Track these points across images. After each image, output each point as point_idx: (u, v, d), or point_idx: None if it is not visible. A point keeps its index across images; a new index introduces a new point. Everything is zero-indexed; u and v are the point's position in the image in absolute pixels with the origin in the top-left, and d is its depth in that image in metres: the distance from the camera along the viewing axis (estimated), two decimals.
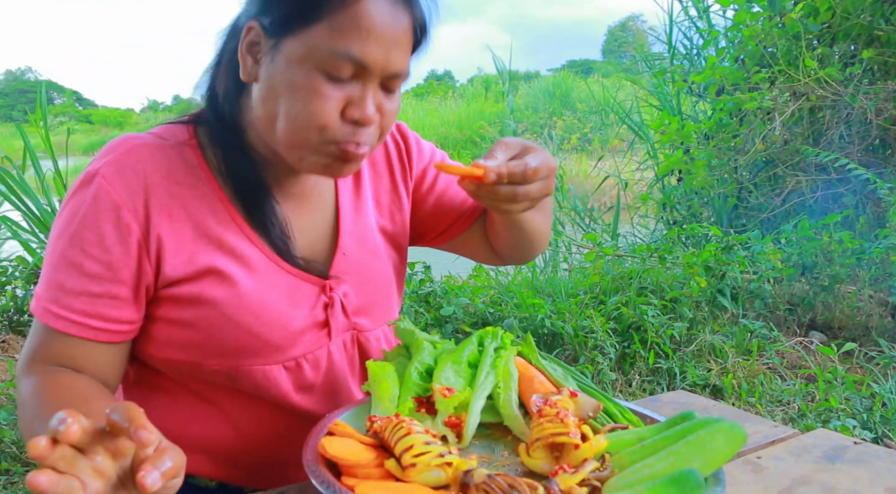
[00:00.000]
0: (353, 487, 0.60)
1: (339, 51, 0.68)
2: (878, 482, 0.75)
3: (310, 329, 0.80)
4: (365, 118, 0.71)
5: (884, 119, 3.28)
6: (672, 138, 3.91)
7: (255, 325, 0.76)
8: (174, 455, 0.50)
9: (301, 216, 0.83)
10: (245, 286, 0.76)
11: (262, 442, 0.83)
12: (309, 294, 0.80)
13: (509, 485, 0.58)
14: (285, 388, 0.80)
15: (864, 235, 3.22)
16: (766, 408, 2.24)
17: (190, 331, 0.76)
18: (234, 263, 0.76)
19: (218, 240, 0.76)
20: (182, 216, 0.75)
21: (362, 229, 0.88)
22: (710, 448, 0.62)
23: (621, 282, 2.93)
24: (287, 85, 0.70)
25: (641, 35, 13.41)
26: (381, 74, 0.71)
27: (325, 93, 0.69)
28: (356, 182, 0.89)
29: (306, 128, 0.70)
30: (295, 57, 0.69)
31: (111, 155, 0.74)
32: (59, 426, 0.46)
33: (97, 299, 0.72)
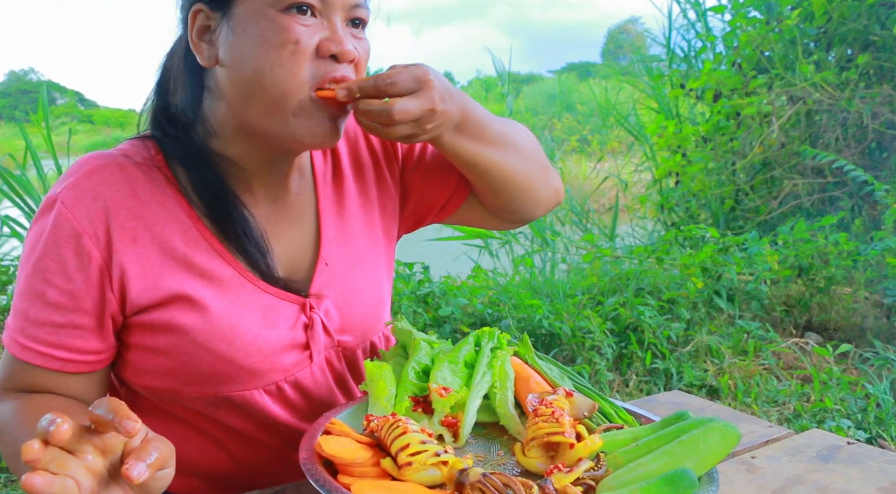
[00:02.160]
0: (350, 485, 0.60)
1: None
2: (871, 481, 0.76)
3: (288, 351, 0.76)
4: (343, 52, 0.68)
5: (879, 123, 3.29)
6: (669, 142, 3.92)
7: (229, 351, 0.72)
8: (160, 446, 0.51)
9: (279, 224, 0.78)
10: (216, 310, 0.72)
11: (254, 463, 0.81)
12: (287, 315, 0.76)
13: (504, 484, 0.59)
14: (269, 411, 0.77)
15: (860, 237, 3.23)
16: (761, 409, 2.25)
17: (164, 358, 0.73)
18: (205, 285, 0.72)
19: (187, 262, 0.72)
20: (147, 239, 0.71)
21: (347, 232, 0.83)
22: (704, 448, 0.62)
23: (619, 283, 2.93)
24: (254, 41, 0.67)
25: (640, 38, 13.43)
26: (342, 6, 0.69)
27: (297, 29, 0.66)
28: (338, 180, 0.84)
29: (283, 77, 0.67)
30: (252, 13, 0.67)
31: (71, 178, 0.71)
32: (50, 427, 0.46)
33: (61, 330, 0.69)
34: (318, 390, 0.81)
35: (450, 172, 0.88)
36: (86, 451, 0.49)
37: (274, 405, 0.78)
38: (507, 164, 0.83)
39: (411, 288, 2.87)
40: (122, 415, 0.47)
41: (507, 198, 0.87)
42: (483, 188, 0.86)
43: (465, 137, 0.78)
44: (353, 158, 0.86)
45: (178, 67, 0.75)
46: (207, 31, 0.71)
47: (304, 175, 0.82)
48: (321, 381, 0.81)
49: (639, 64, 5.14)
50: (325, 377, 0.81)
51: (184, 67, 0.74)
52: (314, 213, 0.82)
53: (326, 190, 0.83)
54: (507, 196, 0.87)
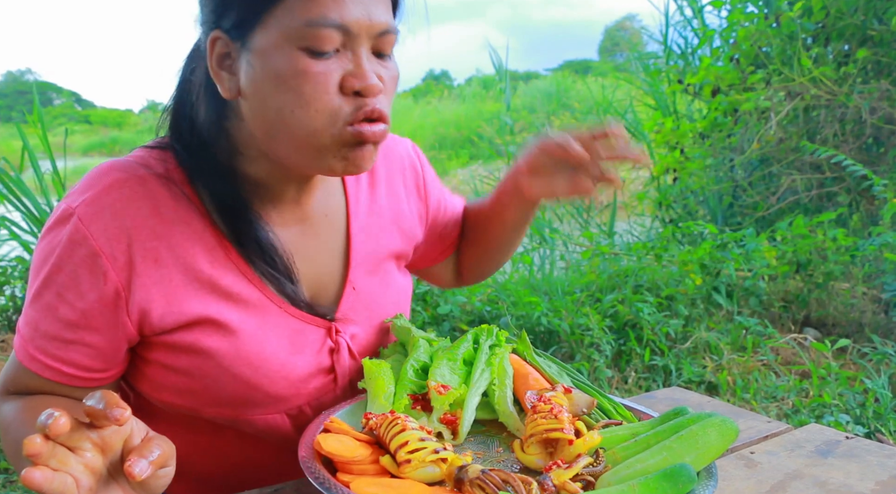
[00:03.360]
0: (349, 483, 0.60)
1: (316, 20, 0.61)
2: (870, 476, 0.76)
3: (314, 376, 0.75)
4: (367, 87, 0.64)
5: (877, 118, 3.29)
6: (667, 138, 3.92)
7: (255, 377, 0.71)
8: (162, 445, 0.50)
9: (306, 245, 0.76)
10: (243, 335, 0.70)
11: (260, 476, 0.80)
12: (313, 339, 0.75)
13: (503, 480, 0.59)
14: (288, 434, 0.76)
15: (858, 232, 3.23)
16: (760, 404, 2.26)
17: (186, 378, 0.71)
18: (231, 308, 0.70)
19: (212, 284, 0.69)
20: (170, 260, 0.68)
21: (376, 256, 0.81)
22: (703, 443, 0.62)
23: (617, 280, 2.93)
24: (272, 80, 0.63)
25: (637, 35, 13.43)
26: (367, 35, 0.64)
27: (316, 71, 0.62)
28: (371, 201, 0.82)
29: (309, 118, 0.63)
30: (271, 46, 0.63)
31: (90, 192, 0.67)
32: (47, 421, 0.46)
33: (70, 346, 0.68)
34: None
35: (449, 234, 0.96)
36: (85, 448, 0.49)
37: (292, 427, 0.77)
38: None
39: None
40: (111, 404, 0.47)
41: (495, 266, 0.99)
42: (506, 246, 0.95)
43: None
44: (392, 180, 0.85)
45: (199, 82, 0.71)
46: (227, 59, 0.66)
47: (334, 195, 0.80)
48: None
49: (636, 61, 5.14)
50: (346, 400, 0.80)
51: (205, 86, 0.70)
52: (344, 235, 0.80)
53: (358, 213, 0.81)
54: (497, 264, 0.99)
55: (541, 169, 0.80)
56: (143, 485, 0.53)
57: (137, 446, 0.50)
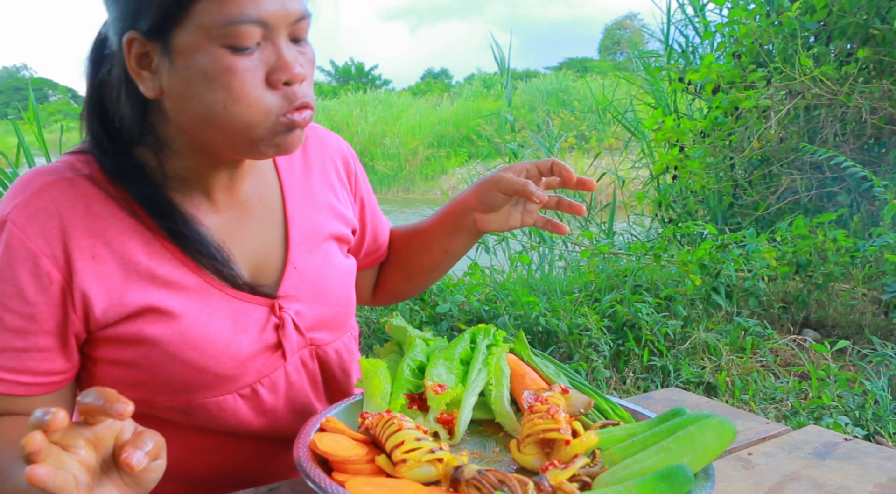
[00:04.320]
0: (344, 483, 0.60)
1: (235, 17, 0.63)
2: (868, 478, 0.75)
3: (261, 353, 0.76)
4: (293, 76, 0.66)
5: (878, 118, 3.29)
6: (667, 137, 3.91)
7: (201, 359, 0.72)
8: (153, 437, 0.51)
9: (242, 229, 0.77)
10: (185, 319, 0.71)
11: (228, 469, 0.80)
12: (256, 317, 0.75)
13: (500, 481, 0.59)
14: (244, 416, 0.77)
15: (858, 233, 3.23)
16: (759, 405, 2.25)
17: (134, 370, 0.72)
18: (172, 295, 0.71)
19: (150, 274, 0.70)
20: (107, 255, 0.69)
21: (315, 237, 0.82)
22: (700, 444, 0.62)
23: (616, 280, 2.93)
24: (199, 79, 0.64)
25: (637, 34, 13.43)
26: (284, 24, 0.66)
27: (241, 67, 0.64)
28: (305, 187, 0.84)
29: (242, 113, 0.65)
30: (192, 46, 0.64)
31: (20, 197, 0.68)
32: (45, 417, 0.46)
33: (23, 354, 0.67)
34: (292, 390, 0.80)
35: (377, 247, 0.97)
36: (79, 446, 0.49)
37: (248, 409, 0.77)
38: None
39: None
40: (112, 399, 0.47)
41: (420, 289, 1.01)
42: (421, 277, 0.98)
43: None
44: (323, 170, 0.87)
45: (117, 82, 0.70)
46: (146, 58, 0.67)
47: (268, 180, 0.81)
48: (295, 381, 0.80)
49: (636, 60, 5.14)
50: (300, 376, 0.80)
51: (125, 86, 0.69)
52: (281, 217, 0.81)
53: (294, 196, 0.82)
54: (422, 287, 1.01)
55: (495, 206, 0.86)
56: (136, 479, 0.53)
57: (130, 439, 0.50)
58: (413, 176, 11.84)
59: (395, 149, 12.03)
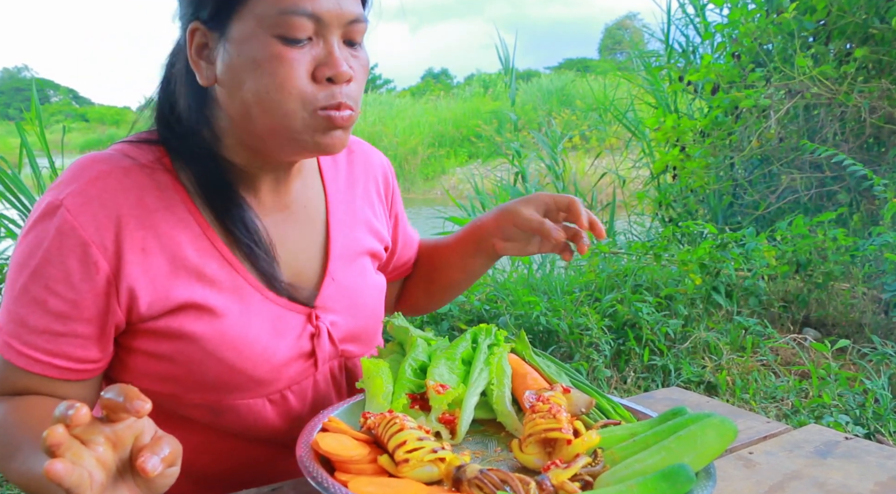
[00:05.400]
0: (347, 482, 0.60)
1: (289, 9, 0.65)
2: (869, 477, 0.75)
3: (295, 360, 0.77)
4: (338, 74, 0.68)
5: (878, 117, 3.29)
6: (668, 136, 3.92)
7: (238, 360, 0.72)
8: (171, 443, 0.51)
9: (286, 233, 0.79)
10: (227, 320, 0.72)
11: (243, 470, 0.81)
12: (294, 324, 0.76)
13: (502, 480, 0.59)
14: (270, 420, 0.78)
15: (858, 232, 3.23)
16: (759, 405, 2.26)
17: (168, 364, 0.72)
18: (215, 293, 0.72)
19: (197, 271, 0.71)
20: (156, 248, 0.70)
21: (353, 250, 0.84)
22: (701, 443, 0.62)
23: (617, 279, 2.93)
24: (248, 65, 0.67)
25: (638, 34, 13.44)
26: (338, 23, 0.68)
27: (290, 57, 0.66)
28: (349, 199, 0.86)
29: (283, 100, 0.67)
30: (246, 35, 0.67)
31: (76, 184, 0.69)
32: (69, 411, 0.46)
33: (61, 338, 0.69)
34: (318, 399, 0.81)
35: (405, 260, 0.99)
36: (98, 442, 0.49)
37: (275, 414, 0.78)
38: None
39: None
40: (131, 396, 0.47)
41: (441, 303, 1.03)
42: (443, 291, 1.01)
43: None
44: (373, 184, 0.90)
45: (179, 73, 0.74)
46: (205, 49, 0.70)
47: (313, 188, 0.83)
48: (323, 390, 0.81)
49: (636, 59, 5.13)
50: (328, 386, 0.82)
51: (185, 76, 0.73)
52: (323, 227, 0.83)
53: (337, 208, 0.84)
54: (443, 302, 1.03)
55: (513, 237, 0.90)
56: (148, 484, 0.53)
57: (148, 443, 0.50)
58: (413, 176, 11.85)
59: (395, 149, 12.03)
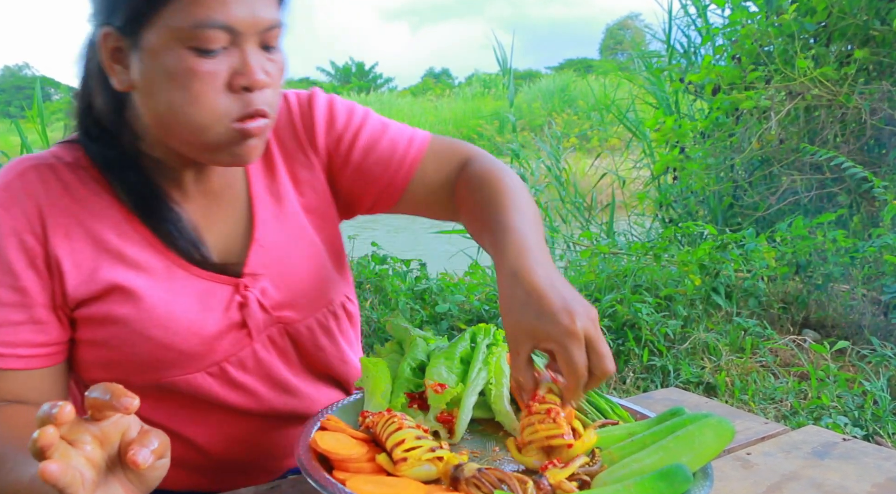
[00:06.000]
0: (345, 481, 0.60)
1: (202, 21, 0.64)
2: (866, 478, 0.76)
3: (227, 332, 0.77)
4: (254, 82, 0.67)
5: (878, 119, 3.29)
6: (668, 137, 3.92)
7: (166, 337, 0.74)
8: (159, 436, 0.51)
9: (213, 214, 0.79)
10: (151, 299, 0.73)
11: (216, 448, 0.81)
12: (221, 297, 0.77)
13: (499, 479, 0.59)
14: (216, 393, 0.78)
15: (858, 234, 3.23)
16: (758, 406, 2.26)
17: (106, 350, 0.74)
18: (138, 275, 0.73)
19: (119, 254, 0.73)
20: (80, 234, 0.73)
21: (282, 214, 0.83)
22: (699, 443, 0.62)
23: (616, 280, 2.93)
24: (162, 76, 0.66)
25: (639, 34, 13.44)
26: (253, 31, 0.67)
27: (204, 70, 0.66)
28: (268, 165, 0.84)
29: (197, 115, 0.67)
30: (159, 45, 0.66)
31: (2, 181, 0.73)
32: (53, 410, 0.46)
33: (20, 327, 0.70)
34: (262, 366, 0.81)
35: (379, 174, 0.85)
36: (85, 441, 0.49)
37: (219, 386, 0.78)
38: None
39: (408, 285, 2.88)
40: (118, 394, 0.48)
41: None
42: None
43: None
44: (280, 143, 0.85)
45: (94, 73, 0.74)
46: (119, 53, 0.69)
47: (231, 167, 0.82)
48: (265, 358, 0.81)
49: (638, 60, 5.13)
50: (269, 353, 0.81)
51: (100, 78, 0.73)
52: (246, 198, 0.82)
53: (257, 174, 0.83)
54: None
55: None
56: (140, 477, 0.53)
57: (136, 437, 0.51)
58: None
59: None
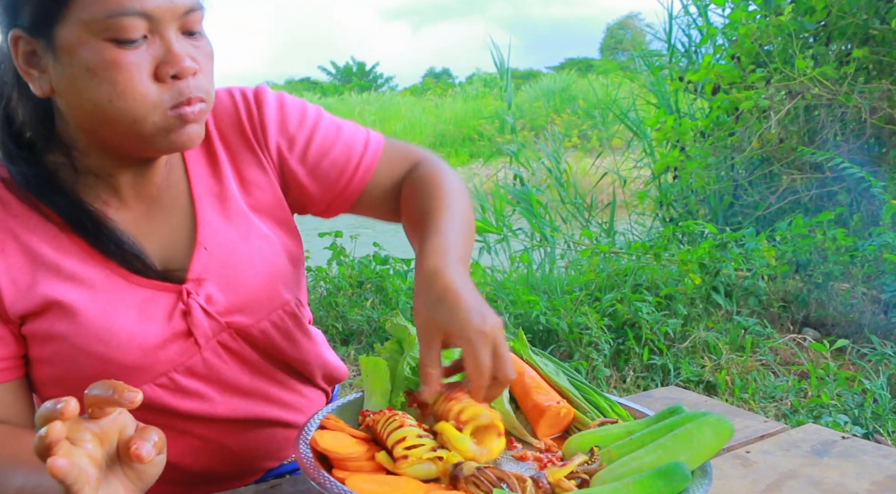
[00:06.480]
0: (345, 480, 0.61)
1: (115, 10, 0.61)
2: (865, 476, 0.76)
3: (171, 342, 0.74)
4: (182, 70, 0.64)
5: (878, 118, 3.29)
6: (668, 136, 3.92)
7: (107, 351, 0.71)
8: (156, 432, 0.52)
9: (154, 219, 0.76)
10: (89, 312, 0.70)
11: (184, 460, 0.79)
12: (163, 306, 0.74)
13: (498, 478, 0.59)
14: (168, 403, 0.75)
15: (858, 232, 3.23)
16: (759, 404, 2.26)
17: (52, 367, 0.72)
18: (76, 288, 0.71)
19: (56, 267, 0.70)
20: (16, 249, 0.70)
21: (227, 215, 0.79)
22: (698, 442, 0.62)
23: (616, 279, 2.94)
24: (83, 74, 0.63)
25: (640, 33, 13.43)
26: (172, 17, 0.64)
27: (126, 61, 0.62)
28: (212, 164, 0.80)
29: (128, 108, 0.64)
30: (75, 41, 0.62)
31: None
32: (57, 406, 0.46)
33: None
34: (217, 373, 0.78)
35: (335, 179, 0.84)
36: (85, 439, 0.49)
37: (170, 396, 0.76)
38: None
39: (409, 284, 2.88)
40: (121, 389, 0.48)
41: None
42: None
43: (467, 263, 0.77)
44: (225, 142, 0.81)
45: (10, 82, 0.69)
46: (34, 56, 0.65)
47: (174, 168, 0.79)
48: (217, 365, 0.78)
49: (638, 59, 5.13)
50: (222, 359, 0.78)
51: (18, 87, 0.69)
52: (189, 200, 0.78)
53: (199, 175, 0.79)
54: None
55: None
56: (139, 473, 0.53)
57: (135, 433, 0.51)
58: None
59: None
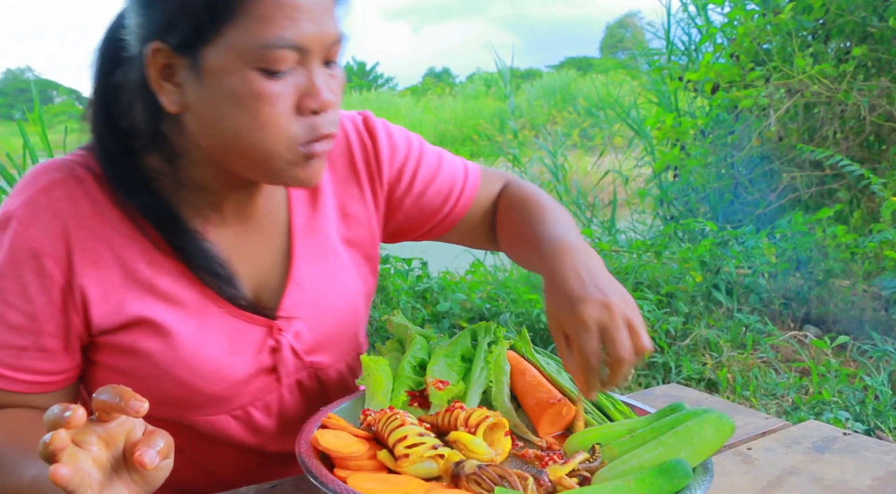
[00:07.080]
0: (346, 479, 0.61)
1: (271, 41, 0.60)
2: (866, 472, 0.76)
3: (256, 377, 0.74)
4: (324, 104, 0.64)
5: (877, 115, 3.29)
6: (668, 135, 3.92)
7: (192, 379, 0.70)
8: (164, 436, 0.51)
9: (248, 244, 0.75)
10: (180, 336, 0.69)
11: (223, 478, 0.79)
12: (253, 339, 0.73)
13: (499, 476, 0.59)
14: (236, 435, 0.76)
15: (858, 229, 3.23)
16: (760, 401, 2.26)
17: (127, 379, 0.71)
18: (169, 309, 0.69)
19: (149, 285, 0.69)
20: (109, 261, 0.68)
21: (321, 249, 0.79)
22: (699, 439, 0.63)
23: (617, 277, 2.93)
24: (227, 99, 0.62)
25: (639, 32, 13.43)
26: (321, 48, 0.64)
27: (273, 92, 0.62)
28: (312, 194, 0.79)
29: (266, 141, 0.63)
30: (223, 66, 0.61)
31: (26, 193, 0.67)
32: (65, 414, 0.46)
33: (24, 353, 0.67)
34: (288, 412, 0.78)
35: (440, 203, 0.85)
36: (91, 442, 0.49)
37: (240, 429, 0.76)
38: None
39: (409, 284, 2.88)
40: (128, 397, 0.48)
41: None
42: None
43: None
44: (334, 171, 0.81)
45: (134, 87, 0.67)
46: (169, 70, 0.64)
47: (276, 193, 0.78)
48: (291, 404, 0.78)
49: (638, 58, 5.13)
50: (295, 399, 0.79)
51: (142, 95, 0.66)
52: (286, 230, 0.78)
53: (300, 206, 0.79)
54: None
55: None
56: (145, 477, 0.53)
57: (142, 438, 0.51)
58: None
59: None
